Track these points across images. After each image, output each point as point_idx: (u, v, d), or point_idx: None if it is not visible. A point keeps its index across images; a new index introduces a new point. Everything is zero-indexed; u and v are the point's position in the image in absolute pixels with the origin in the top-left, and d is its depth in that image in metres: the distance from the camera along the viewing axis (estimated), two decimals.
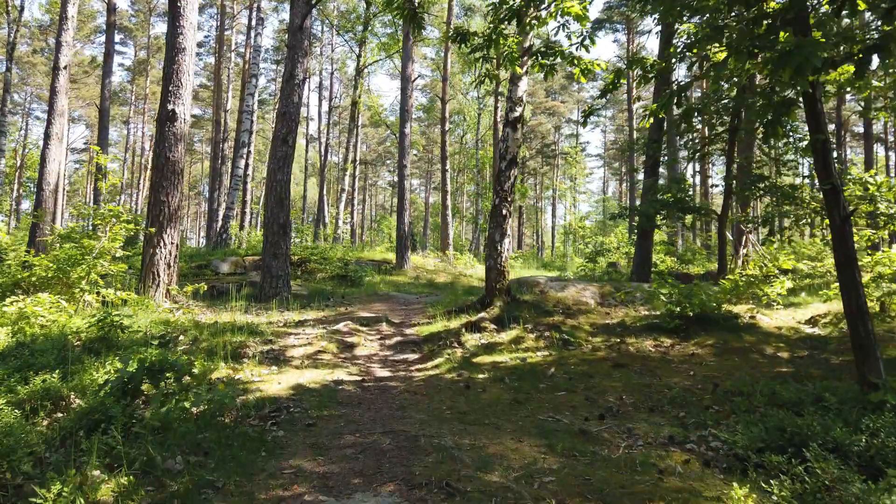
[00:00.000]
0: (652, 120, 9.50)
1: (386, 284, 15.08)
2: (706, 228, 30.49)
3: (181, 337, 6.96)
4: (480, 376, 5.68)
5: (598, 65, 7.03)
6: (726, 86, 11.97)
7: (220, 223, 19.01)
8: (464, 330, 7.40)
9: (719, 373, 5.72)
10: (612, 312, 8.98)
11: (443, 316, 8.57)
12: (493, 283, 8.50)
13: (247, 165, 25.38)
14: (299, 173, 57.35)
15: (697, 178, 41.00)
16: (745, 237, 18.02)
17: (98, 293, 8.35)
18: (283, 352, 6.60)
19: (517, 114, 8.79)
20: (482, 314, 7.92)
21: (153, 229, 9.47)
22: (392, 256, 18.42)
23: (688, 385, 5.32)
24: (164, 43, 40.27)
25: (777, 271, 8.69)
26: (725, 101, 13.87)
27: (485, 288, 8.83)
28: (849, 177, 9.72)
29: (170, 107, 9.68)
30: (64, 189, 66.83)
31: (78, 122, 60.11)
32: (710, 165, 33.47)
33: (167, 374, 4.38)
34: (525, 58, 8.38)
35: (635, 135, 41.89)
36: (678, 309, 7.71)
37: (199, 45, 52.31)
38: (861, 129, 32.25)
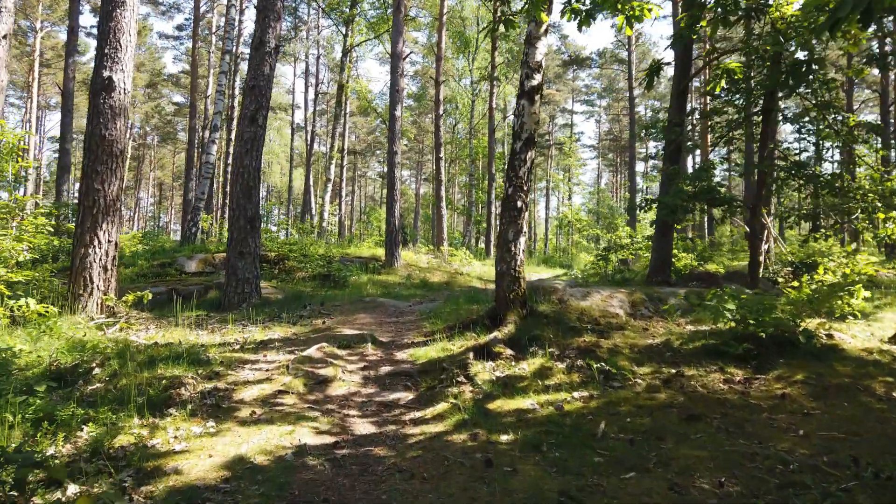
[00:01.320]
0: (723, 82, 7.82)
1: (374, 285, 13.35)
2: (710, 222, 28.92)
3: (97, 370, 5.22)
4: (504, 438, 3.98)
5: (650, 9, 5.31)
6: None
7: (190, 215, 17.16)
8: (471, 356, 5.70)
9: (838, 430, 4.06)
10: (651, 328, 7.31)
11: (443, 333, 6.86)
12: (505, 291, 6.81)
13: (227, 153, 23.52)
14: (285, 163, 55.40)
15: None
16: (766, 231, 16.47)
17: (8, 307, 6.59)
18: (231, 393, 4.86)
19: (535, 82, 7.06)
20: (494, 334, 6.22)
21: (81, 225, 7.70)
22: (381, 252, 16.68)
23: (807, 456, 3.64)
24: (142, 26, 37.85)
25: (856, 277, 7.07)
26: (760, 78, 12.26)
27: (495, 297, 7.13)
28: None
29: (105, 73, 7.86)
30: (42, 179, 64.78)
31: (55, 109, 57.78)
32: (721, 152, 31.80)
33: (4, 470, 2.67)
34: (547, 8, 6.65)
35: (636, 125, 40.37)
36: (740, 327, 6.07)
37: (179, 28, 50.06)
38: None
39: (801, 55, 10.01)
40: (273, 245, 14.40)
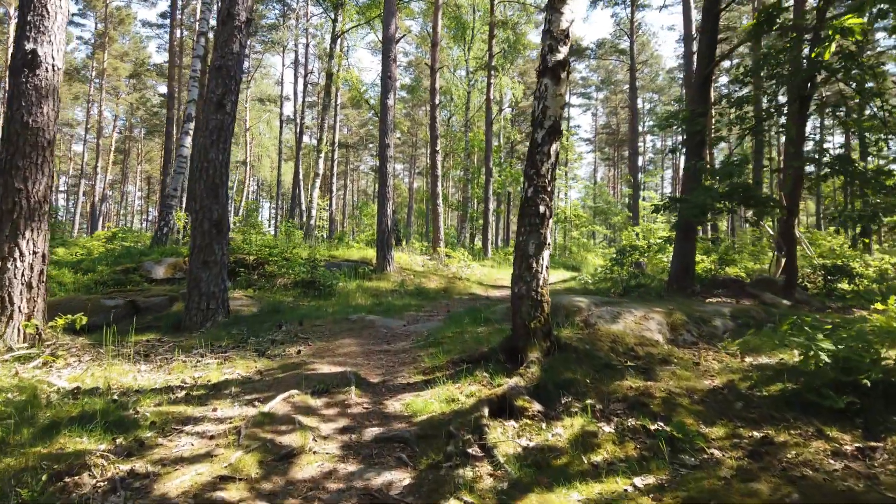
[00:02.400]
0: (833, 46, 6.42)
1: (363, 294, 11.94)
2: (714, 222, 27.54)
3: None
4: None
5: None
6: None
7: (162, 213, 15.63)
8: (486, 412, 4.31)
9: None
10: (703, 360, 5.95)
11: (446, 371, 5.46)
12: (524, 319, 5.40)
13: None
14: (276, 156, 53.67)
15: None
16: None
17: None
18: (153, 481, 3.44)
19: (561, 55, 5.65)
20: (513, 379, 4.81)
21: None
22: (371, 254, 15.25)
23: None
24: (125, 14, 36.27)
25: None
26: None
27: (511, 325, 5.72)
28: None
29: (28, 46, 6.38)
30: None
31: None
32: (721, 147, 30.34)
33: None
34: None
35: (642, 113, 39.02)
36: (828, 367, 4.70)
37: (163, 15, 48.25)
38: None
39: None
40: (251, 248, 12.95)
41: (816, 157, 11.67)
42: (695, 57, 22.37)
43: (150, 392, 4.92)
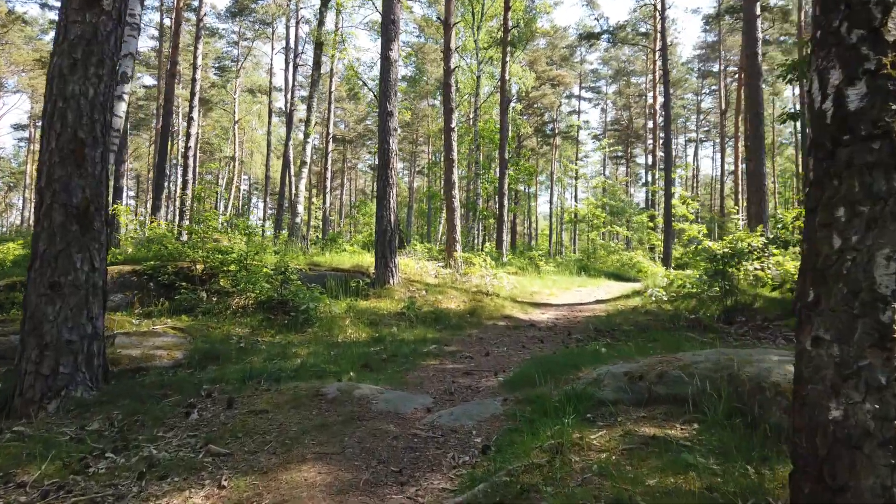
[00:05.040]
0: None
1: (356, 320, 8.17)
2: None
3: None
4: None
5: None
6: None
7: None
8: None
9: None
10: None
11: None
12: None
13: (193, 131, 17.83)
14: (265, 148, 49.78)
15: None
16: None
17: None
18: None
19: None
20: None
21: None
22: (368, 260, 11.47)
23: None
24: None
25: None
26: None
27: None
28: None
29: None
30: (9, 171, 59.03)
31: (7, 90, 51.92)
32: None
33: None
34: None
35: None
36: None
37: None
38: None
39: None
40: (197, 253, 9.13)
41: None
42: (751, 25, 18.72)
43: None
